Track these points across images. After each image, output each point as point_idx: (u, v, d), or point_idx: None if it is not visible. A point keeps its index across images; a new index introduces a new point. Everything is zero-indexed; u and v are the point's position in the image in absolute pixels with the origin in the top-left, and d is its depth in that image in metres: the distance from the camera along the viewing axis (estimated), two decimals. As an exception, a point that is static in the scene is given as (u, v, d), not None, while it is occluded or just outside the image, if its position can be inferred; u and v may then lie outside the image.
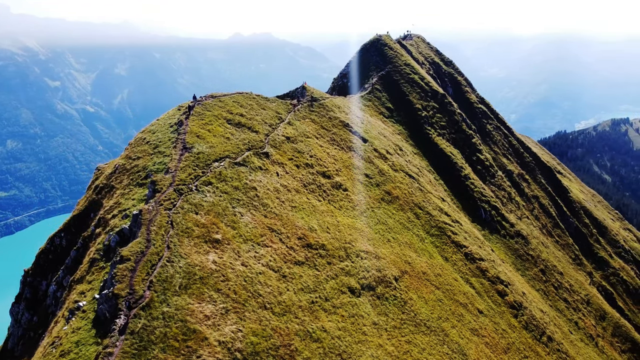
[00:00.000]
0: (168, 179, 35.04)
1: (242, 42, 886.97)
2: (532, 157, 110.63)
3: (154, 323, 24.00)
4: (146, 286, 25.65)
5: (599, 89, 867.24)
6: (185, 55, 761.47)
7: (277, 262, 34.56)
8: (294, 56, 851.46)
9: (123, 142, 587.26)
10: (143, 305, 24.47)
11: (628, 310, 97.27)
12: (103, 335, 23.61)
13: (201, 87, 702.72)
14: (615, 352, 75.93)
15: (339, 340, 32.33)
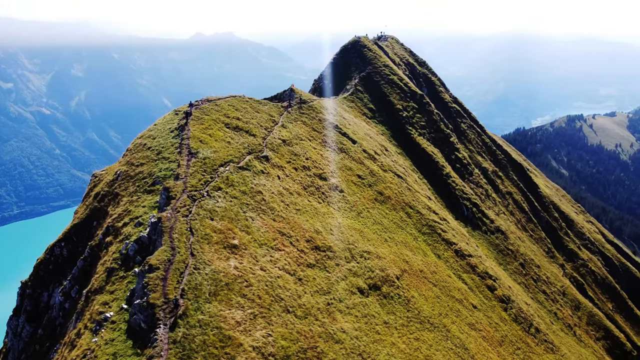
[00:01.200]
0: (180, 185, 34.80)
1: (204, 42, 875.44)
2: (504, 155, 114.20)
3: (192, 331, 24.00)
4: (179, 294, 25.55)
5: (553, 86, 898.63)
6: (146, 55, 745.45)
7: (291, 265, 34.87)
8: (257, 56, 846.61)
9: (82, 146, 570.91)
10: (180, 314, 24.39)
11: (597, 300, 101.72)
12: (142, 345, 23.41)
13: (162, 88, 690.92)
14: (591, 340, 79.48)
15: (357, 341, 32.92)
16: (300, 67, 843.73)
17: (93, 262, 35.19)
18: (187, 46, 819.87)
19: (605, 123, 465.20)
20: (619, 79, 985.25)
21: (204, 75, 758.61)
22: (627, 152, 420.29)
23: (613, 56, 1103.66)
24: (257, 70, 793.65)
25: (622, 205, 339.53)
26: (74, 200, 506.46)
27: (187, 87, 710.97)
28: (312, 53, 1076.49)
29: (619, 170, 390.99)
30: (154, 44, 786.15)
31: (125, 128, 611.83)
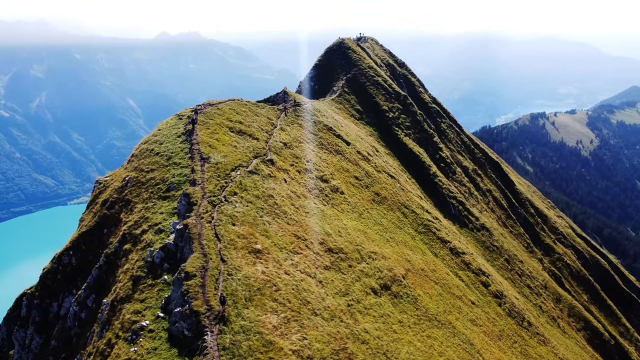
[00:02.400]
0: (199, 191, 34.70)
1: (169, 41, 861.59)
2: (482, 153, 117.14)
3: (237, 337, 24.15)
4: (219, 301, 25.64)
5: (516, 85, 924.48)
6: (109, 55, 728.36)
7: (310, 268, 35.26)
8: (224, 56, 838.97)
9: (43, 149, 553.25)
10: (224, 320, 24.50)
11: (574, 292, 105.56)
12: (190, 353, 23.41)
13: (127, 88, 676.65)
14: (573, 331, 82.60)
15: (379, 340, 33.60)
16: (267, 67, 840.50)
17: (109, 270, 34.73)
18: (152, 46, 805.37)
19: (567, 120, 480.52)
20: (577, 77, 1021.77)
21: (170, 75, 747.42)
22: (588, 149, 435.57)
23: (571, 55, 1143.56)
24: (224, 70, 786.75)
25: (584, 199, 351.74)
26: (36, 205, 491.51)
27: (152, 87, 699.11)
28: (279, 53, 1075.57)
29: (580, 166, 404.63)
30: (118, 44, 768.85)
31: (89, 130, 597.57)
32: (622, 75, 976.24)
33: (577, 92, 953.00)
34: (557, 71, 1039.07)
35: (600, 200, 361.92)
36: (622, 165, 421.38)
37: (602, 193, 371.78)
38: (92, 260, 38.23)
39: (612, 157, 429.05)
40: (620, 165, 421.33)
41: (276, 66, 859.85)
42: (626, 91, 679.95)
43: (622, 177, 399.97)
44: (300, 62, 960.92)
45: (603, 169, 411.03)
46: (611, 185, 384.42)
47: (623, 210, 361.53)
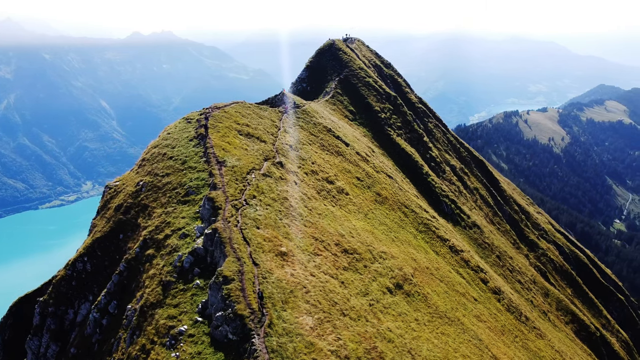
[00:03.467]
0: (221, 195, 34.81)
1: (142, 41, 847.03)
2: (467, 152, 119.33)
3: (282, 340, 24.50)
4: (257, 296, 25.94)
5: (487, 84, 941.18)
6: (80, 56, 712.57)
7: (331, 269, 35.75)
8: (199, 56, 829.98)
9: (12, 152, 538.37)
10: (268, 323, 24.81)
11: (558, 286, 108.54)
12: (237, 356, 23.63)
13: (99, 89, 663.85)
14: (562, 324, 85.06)
15: (402, 339, 34.31)
16: (242, 67, 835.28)
17: (131, 276, 34.53)
18: (124, 46, 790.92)
19: (539, 118, 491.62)
20: (546, 76, 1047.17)
21: (143, 76, 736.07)
22: (559, 146, 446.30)
23: (540, 54, 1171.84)
24: (199, 71, 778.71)
25: (557, 195, 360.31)
26: (6, 209, 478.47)
27: (125, 88, 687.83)
28: (254, 53, 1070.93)
29: (552, 162, 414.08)
30: (88, 44, 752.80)
31: (60, 132, 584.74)
32: (589, 74, 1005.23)
33: (546, 90, 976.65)
34: (527, 70, 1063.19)
35: (572, 195, 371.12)
36: (592, 162, 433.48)
37: (574, 189, 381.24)
38: (108, 266, 37.93)
39: (582, 154, 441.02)
40: (590, 161, 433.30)
41: (251, 66, 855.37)
42: (594, 89, 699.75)
43: (593, 173, 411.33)
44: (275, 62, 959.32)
45: (574, 165, 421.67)
46: (582, 181, 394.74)
47: (594, 205, 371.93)
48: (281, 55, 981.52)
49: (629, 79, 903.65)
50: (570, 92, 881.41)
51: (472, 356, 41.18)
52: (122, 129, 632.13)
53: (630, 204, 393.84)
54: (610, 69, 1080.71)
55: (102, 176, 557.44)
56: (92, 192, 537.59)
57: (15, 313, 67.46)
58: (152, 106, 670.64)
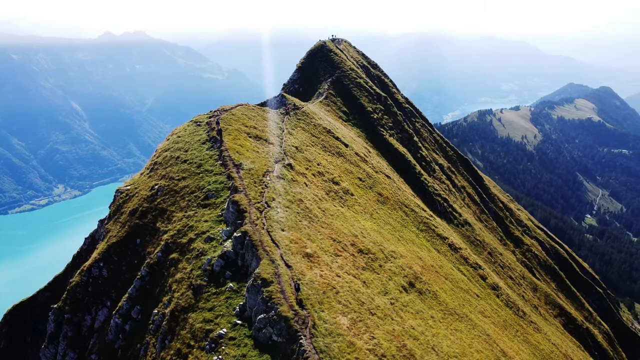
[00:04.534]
0: (244, 198, 34.93)
1: (114, 41, 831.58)
2: (453, 151, 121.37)
3: (327, 340, 24.90)
4: (300, 306, 26.25)
5: (460, 83, 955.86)
6: (49, 56, 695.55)
7: (352, 269, 36.27)
8: (172, 56, 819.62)
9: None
10: (312, 324, 25.15)
11: (543, 281, 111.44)
12: (285, 357, 23.89)
13: (70, 91, 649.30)
14: (551, 318, 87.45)
15: (425, 336, 35.05)
16: (217, 68, 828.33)
17: (154, 280, 34.38)
18: (95, 46, 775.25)
19: (512, 117, 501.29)
20: (517, 74, 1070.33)
21: (115, 76, 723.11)
22: (532, 143, 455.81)
23: (511, 54, 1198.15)
24: (173, 71, 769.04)
25: (531, 192, 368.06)
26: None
27: (97, 89, 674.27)
28: (228, 53, 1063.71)
29: (526, 160, 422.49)
30: (58, 44, 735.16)
31: (29, 135, 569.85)
32: (559, 73, 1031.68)
33: (518, 89, 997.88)
34: (499, 69, 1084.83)
35: (545, 192, 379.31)
36: (564, 159, 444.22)
37: (547, 185, 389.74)
38: (126, 271, 37.65)
39: (554, 151, 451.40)
40: (562, 158, 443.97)
41: (226, 66, 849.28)
42: (563, 88, 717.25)
43: (564, 170, 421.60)
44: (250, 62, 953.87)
45: (547, 162, 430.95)
46: (554, 178, 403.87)
47: (566, 201, 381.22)
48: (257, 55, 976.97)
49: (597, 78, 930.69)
50: (540, 91, 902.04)
51: (484, 351, 42.26)
52: (94, 130, 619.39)
53: (600, 200, 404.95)
54: (579, 68, 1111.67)
55: (74, 179, 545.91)
56: (64, 196, 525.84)
57: (10, 321, 66.06)
58: (125, 107, 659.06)
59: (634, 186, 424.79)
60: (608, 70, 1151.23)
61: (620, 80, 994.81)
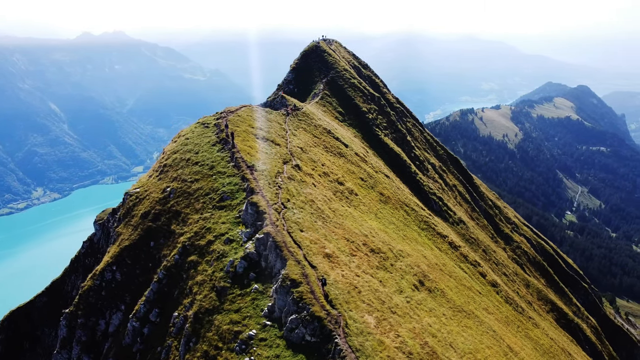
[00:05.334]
0: (262, 200, 34.99)
1: (93, 42, 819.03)
2: (443, 150, 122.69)
3: (360, 339, 25.16)
4: (331, 306, 26.47)
5: (441, 82, 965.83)
6: (26, 57, 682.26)
7: (369, 269, 36.59)
8: (153, 56, 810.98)
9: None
10: (345, 323, 25.39)
11: (533, 277, 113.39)
12: (319, 357, 24.06)
13: (48, 92, 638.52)
14: (544, 313, 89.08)
15: (441, 333, 35.55)
16: (198, 68, 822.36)
17: (171, 283, 34.24)
18: (74, 47, 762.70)
19: (493, 115, 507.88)
20: (497, 74, 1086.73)
21: (95, 77, 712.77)
22: (513, 142, 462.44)
23: (491, 54, 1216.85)
24: (153, 71, 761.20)
25: (513, 189, 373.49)
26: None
27: (76, 90, 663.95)
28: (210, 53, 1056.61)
29: (507, 158, 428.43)
30: (35, 44, 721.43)
31: (6, 137, 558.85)
32: (537, 72, 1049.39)
33: (498, 88, 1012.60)
34: (478, 68, 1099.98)
35: (526, 189, 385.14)
36: (544, 156, 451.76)
37: (528, 183, 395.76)
38: (140, 275, 37.41)
39: (535, 149, 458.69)
40: (542, 156, 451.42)
41: (207, 67, 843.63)
42: (542, 87, 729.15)
43: (545, 168, 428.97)
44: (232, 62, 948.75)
45: (527, 160, 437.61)
46: (535, 175, 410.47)
47: (547, 198, 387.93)
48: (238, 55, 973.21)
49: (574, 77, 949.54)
50: (520, 90, 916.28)
51: (494, 347, 43.00)
52: (73, 132, 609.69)
53: (579, 196, 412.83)
54: (557, 67, 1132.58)
55: (54, 182, 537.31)
56: (43, 199, 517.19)
57: (7, 327, 65.05)
58: (105, 108, 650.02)
59: (612, 183, 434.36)
60: (585, 70, 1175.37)
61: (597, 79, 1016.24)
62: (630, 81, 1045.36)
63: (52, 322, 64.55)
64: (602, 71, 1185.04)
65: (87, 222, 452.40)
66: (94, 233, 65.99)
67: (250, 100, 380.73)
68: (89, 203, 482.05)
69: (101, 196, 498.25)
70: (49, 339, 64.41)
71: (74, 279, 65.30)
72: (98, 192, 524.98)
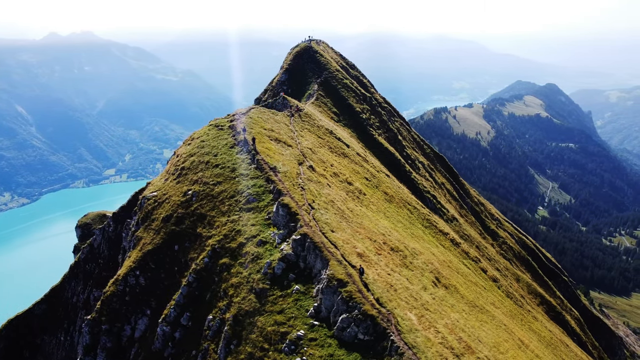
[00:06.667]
0: (292, 201, 35.14)
1: (60, 42, 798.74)
2: (430, 148, 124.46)
3: (412, 336, 25.66)
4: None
5: (414, 82, 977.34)
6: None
7: (395, 267, 37.17)
8: (123, 57, 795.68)
9: None
10: (396, 321, 25.82)
11: (519, 271, 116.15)
12: (375, 355, 24.39)
13: (14, 94, 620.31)
14: (535, 306, 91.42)
15: (468, 328, 36.37)
16: (170, 69, 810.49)
17: (202, 286, 34.10)
18: (40, 47, 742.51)
19: (466, 114, 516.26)
20: (468, 73, 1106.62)
21: (63, 78, 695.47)
22: (486, 139, 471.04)
23: (462, 53, 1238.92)
24: (124, 72, 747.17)
25: (487, 186, 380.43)
26: None
27: (44, 92, 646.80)
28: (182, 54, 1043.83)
29: (481, 155, 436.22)
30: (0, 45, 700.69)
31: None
32: (507, 71, 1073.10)
33: (469, 86, 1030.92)
34: (450, 68, 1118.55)
35: (500, 186, 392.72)
36: (516, 153, 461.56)
37: (502, 179, 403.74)
38: (165, 279, 37.12)
39: (507, 146, 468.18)
40: (514, 153, 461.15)
41: (180, 67, 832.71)
42: (512, 85, 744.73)
43: (517, 164, 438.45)
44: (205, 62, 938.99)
45: (500, 157, 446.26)
46: (508, 172, 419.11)
47: (520, 194, 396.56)
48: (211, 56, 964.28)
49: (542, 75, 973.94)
50: (490, 88, 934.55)
51: (509, 340, 44.18)
52: (42, 135, 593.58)
53: (550, 192, 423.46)
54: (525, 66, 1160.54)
55: (22, 186, 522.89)
56: (11, 204, 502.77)
57: (6, 336, 63.47)
58: (75, 110, 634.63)
59: (580, 178, 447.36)
60: (552, 68, 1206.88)
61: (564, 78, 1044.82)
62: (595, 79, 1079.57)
63: (52, 330, 63.29)
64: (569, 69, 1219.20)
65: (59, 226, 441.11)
66: (94, 238, 64.94)
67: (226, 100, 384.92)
68: (59, 207, 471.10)
69: (72, 200, 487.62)
70: (49, 347, 63.13)
71: (74, 285, 64.16)
72: (69, 196, 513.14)
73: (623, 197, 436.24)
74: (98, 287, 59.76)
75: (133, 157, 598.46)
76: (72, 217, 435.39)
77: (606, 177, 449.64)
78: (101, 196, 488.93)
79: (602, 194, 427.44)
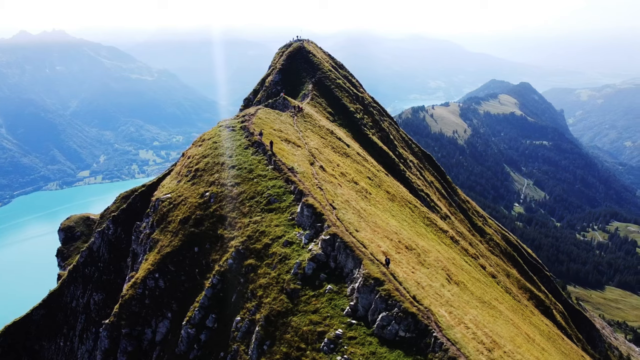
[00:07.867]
0: (316, 202, 35.29)
1: (31, 41, 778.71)
2: (418, 147, 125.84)
3: (452, 331, 26.14)
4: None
5: (390, 81, 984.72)
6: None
7: (415, 266, 37.69)
8: (96, 56, 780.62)
9: None
10: (436, 318, 26.28)
11: (509, 267, 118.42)
12: (418, 351, 24.77)
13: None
14: (526, 301, 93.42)
15: (488, 323, 37.15)
16: (146, 68, 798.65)
17: (226, 288, 34.01)
18: (10, 47, 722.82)
19: (443, 112, 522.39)
20: (444, 72, 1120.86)
21: (34, 79, 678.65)
22: (463, 138, 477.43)
23: (437, 52, 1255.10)
24: (97, 72, 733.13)
25: (465, 184, 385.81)
26: None
27: (14, 92, 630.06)
28: (157, 53, 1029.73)
29: (458, 153, 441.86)
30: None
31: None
32: (481, 70, 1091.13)
33: (445, 85, 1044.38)
34: (426, 67, 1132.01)
35: (477, 183, 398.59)
36: (492, 151, 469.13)
37: (478, 177, 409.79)
38: (186, 281, 36.90)
39: (483, 144, 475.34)
40: (490, 151, 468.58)
41: (155, 67, 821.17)
42: (487, 84, 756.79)
43: (493, 162, 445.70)
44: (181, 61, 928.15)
45: (477, 155, 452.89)
46: (485, 170, 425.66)
47: (496, 191, 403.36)
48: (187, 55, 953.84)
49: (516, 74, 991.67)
50: (465, 87, 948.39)
51: (519, 335, 45.24)
52: (12, 137, 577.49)
53: (526, 189, 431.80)
54: (500, 65, 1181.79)
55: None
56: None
57: (2, 343, 62.06)
58: (47, 111, 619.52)
59: (554, 175, 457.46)
60: (524, 68, 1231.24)
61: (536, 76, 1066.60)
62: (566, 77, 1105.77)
63: (51, 335, 62.12)
64: (540, 68, 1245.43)
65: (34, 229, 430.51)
66: (93, 241, 63.94)
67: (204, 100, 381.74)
68: (32, 210, 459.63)
69: (46, 203, 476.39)
70: (48, 353, 61.95)
71: (73, 289, 63.09)
72: (42, 199, 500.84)
73: (595, 193, 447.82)
74: (99, 290, 58.94)
75: (108, 158, 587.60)
76: (47, 220, 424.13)
77: (578, 174, 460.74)
78: (76, 198, 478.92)
79: (575, 190, 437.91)
